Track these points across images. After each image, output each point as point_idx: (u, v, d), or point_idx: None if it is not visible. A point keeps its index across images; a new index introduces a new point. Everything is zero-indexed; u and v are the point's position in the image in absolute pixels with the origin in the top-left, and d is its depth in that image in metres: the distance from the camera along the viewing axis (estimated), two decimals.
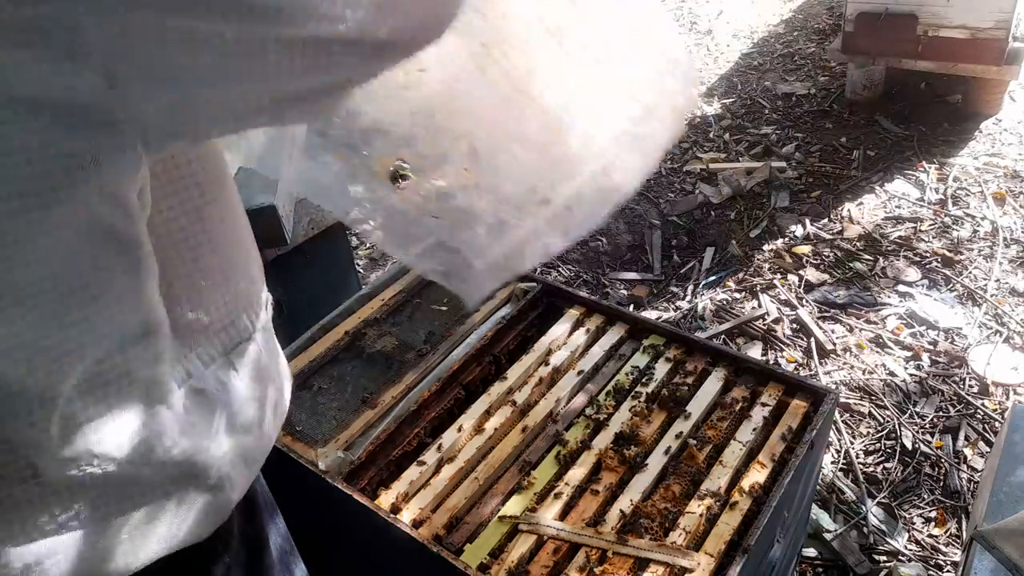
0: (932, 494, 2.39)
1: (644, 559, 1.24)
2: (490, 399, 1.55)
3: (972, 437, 2.55)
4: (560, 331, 1.70)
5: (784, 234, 3.54)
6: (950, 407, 2.65)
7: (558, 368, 1.61)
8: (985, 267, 3.23)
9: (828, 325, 3.02)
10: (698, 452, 1.41)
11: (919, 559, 2.22)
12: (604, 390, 1.57)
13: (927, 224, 3.51)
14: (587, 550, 1.27)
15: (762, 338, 2.99)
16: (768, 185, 3.85)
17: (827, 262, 3.35)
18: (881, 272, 3.26)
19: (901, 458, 2.49)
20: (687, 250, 3.56)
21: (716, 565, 1.23)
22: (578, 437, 1.47)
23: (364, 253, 3.74)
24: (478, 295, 0.88)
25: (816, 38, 5.39)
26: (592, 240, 3.64)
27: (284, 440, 1.50)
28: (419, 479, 1.42)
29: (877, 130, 4.20)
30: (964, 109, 4.25)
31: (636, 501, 1.34)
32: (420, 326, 1.78)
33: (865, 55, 4.17)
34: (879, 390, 2.72)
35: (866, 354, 2.88)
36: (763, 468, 1.38)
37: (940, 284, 3.17)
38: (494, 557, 1.28)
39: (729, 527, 1.28)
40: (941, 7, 3.83)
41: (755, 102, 4.66)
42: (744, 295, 3.22)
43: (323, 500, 1.44)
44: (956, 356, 2.82)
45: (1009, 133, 4.10)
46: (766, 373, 1.56)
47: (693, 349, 1.64)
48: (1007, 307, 3.02)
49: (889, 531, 2.29)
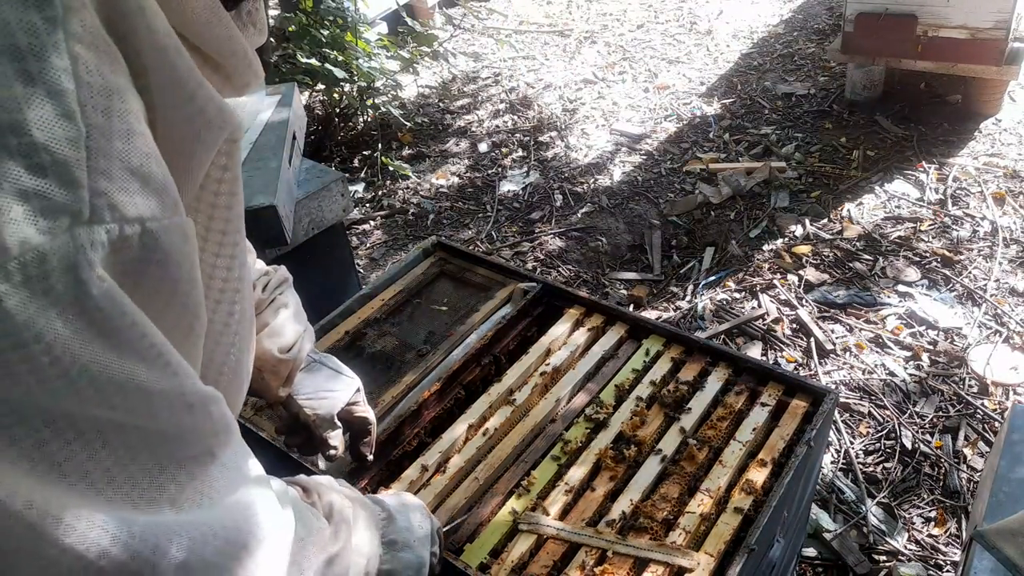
0: (932, 494, 2.39)
1: (644, 559, 1.24)
2: (490, 399, 1.55)
3: (972, 437, 2.55)
4: (560, 331, 1.70)
5: (784, 234, 3.54)
6: (950, 407, 2.65)
7: (558, 368, 1.61)
8: (985, 267, 3.23)
9: (828, 325, 3.02)
10: (698, 452, 1.41)
11: (919, 559, 2.22)
12: (604, 390, 1.57)
13: (927, 224, 3.51)
14: (587, 550, 1.27)
15: (762, 338, 2.99)
16: (768, 185, 3.85)
17: (827, 262, 3.35)
18: (881, 272, 3.26)
19: (901, 458, 2.49)
20: (687, 250, 3.56)
21: (716, 565, 1.23)
22: (578, 437, 1.47)
23: (364, 253, 3.74)
24: None
25: (816, 38, 5.40)
26: (592, 240, 3.64)
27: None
28: (419, 479, 1.42)
29: (877, 130, 4.20)
30: (964, 109, 4.25)
31: (636, 501, 1.34)
32: (420, 326, 1.78)
33: (865, 55, 4.17)
34: (879, 390, 2.72)
35: (866, 354, 2.88)
36: (763, 468, 1.38)
37: (940, 284, 3.17)
38: (494, 557, 1.28)
39: (729, 527, 1.28)
40: (941, 7, 3.83)
41: (755, 102, 4.66)
42: (744, 295, 3.22)
43: None
44: (956, 356, 2.82)
45: (1009, 133, 4.11)
46: (766, 373, 1.56)
47: (693, 349, 1.63)
48: (1007, 307, 3.02)
49: (889, 531, 2.29)
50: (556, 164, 4.28)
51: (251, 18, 0.73)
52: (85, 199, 0.47)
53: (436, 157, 4.49)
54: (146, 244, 0.50)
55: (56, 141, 0.46)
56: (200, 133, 0.59)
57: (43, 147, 0.45)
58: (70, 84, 0.47)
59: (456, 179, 4.27)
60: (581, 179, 4.13)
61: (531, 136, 4.56)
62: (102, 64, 0.49)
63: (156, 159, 0.52)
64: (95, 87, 0.48)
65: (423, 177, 4.30)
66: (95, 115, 0.48)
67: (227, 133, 0.62)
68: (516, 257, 3.60)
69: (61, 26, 0.47)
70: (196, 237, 0.59)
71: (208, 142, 0.61)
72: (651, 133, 4.48)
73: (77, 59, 0.47)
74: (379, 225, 3.95)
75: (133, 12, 0.52)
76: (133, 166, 0.49)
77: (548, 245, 3.63)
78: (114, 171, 0.48)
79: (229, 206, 0.67)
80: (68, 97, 0.46)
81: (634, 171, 4.15)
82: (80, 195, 0.46)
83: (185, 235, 0.55)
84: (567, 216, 3.85)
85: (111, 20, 0.51)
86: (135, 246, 0.50)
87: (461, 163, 4.41)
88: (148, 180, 0.51)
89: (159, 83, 0.54)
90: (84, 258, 0.46)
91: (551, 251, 3.59)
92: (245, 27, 0.71)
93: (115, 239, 0.48)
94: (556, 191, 4.04)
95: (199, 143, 0.60)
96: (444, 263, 1.95)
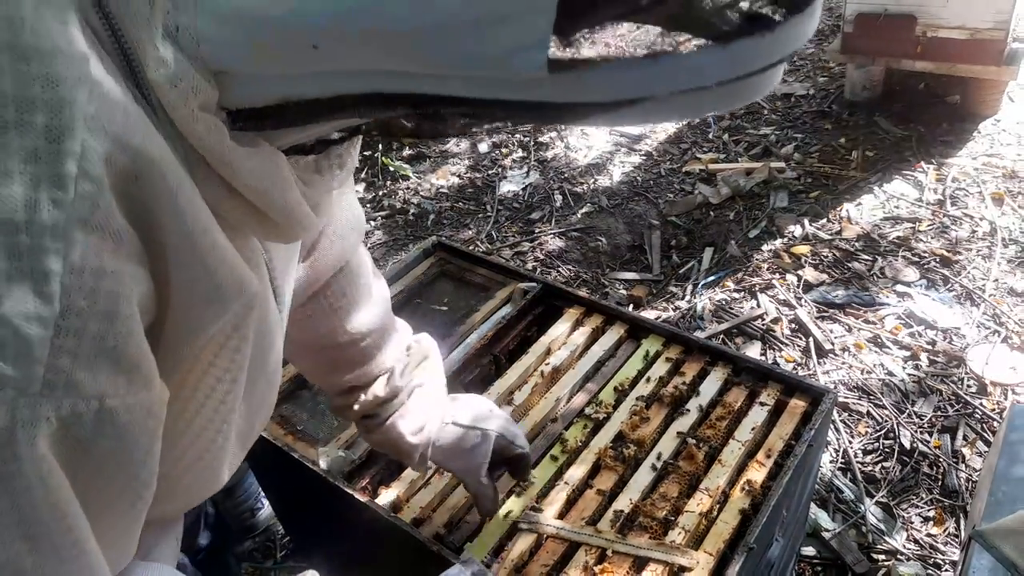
0: (930, 493, 2.40)
1: (643, 558, 1.25)
2: (490, 399, 1.55)
3: (970, 436, 2.55)
4: (560, 331, 1.70)
5: (783, 234, 3.54)
6: (948, 407, 2.66)
7: (558, 368, 1.62)
8: (983, 267, 3.24)
9: (827, 325, 3.02)
10: (697, 451, 1.42)
11: (917, 558, 2.22)
12: (603, 390, 1.57)
13: (925, 224, 3.52)
14: (586, 549, 1.27)
15: (761, 338, 2.99)
16: (767, 185, 3.86)
17: (826, 262, 3.35)
18: (879, 272, 3.27)
19: (899, 457, 2.50)
20: (686, 250, 3.56)
21: (715, 564, 1.23)
22: (578, 437, 1.47)
23: None
24: None
25: (815, 38, 5.40)
26: (592, 240, 3.65)
27: (286, 439, 1.50)
28: (419, 478, 1.42)
29: (876, 130, 4.20)
30: (963, 109, 4.25)
31: (635, 500, 1.35)
32: (420, 326, 1.78)
33: (864, 55, 4.17)
34: (877, 390, 2.73)
35: (864, 354, 2.88)
36: (762, 467, 1.39)
37: (938, 284, 3.18)
38: (494, 556, 1.28)
39: (728, 526, 1.29)
40: (940, 7, 3.83)
41: (754, 103, 4.66)
42: (743, 295, 3.23)
43: (324, 499, 1.44)
44: (954, 356, 2.83)
45: (1007, 133, 4.11)
46: (765, 373, 1.57)
47: (692, 349, 1.64)
48: (1005, 307, 3.03)
49: (888, 530, 2.29)
50: (556, 164, 4.28)
51: (341, 160, 0.69)
52: (38, 375, 0.46)
53: (436, 157, 4.49)
54: (101, 420, 0.50)
55: (23, 318, 0.46)
56: (212, 305, 0.59)
57: (7, 321, 0.45)
58: (57, 265, 0.47)
59: (456, 179, 4.27)
60: (581, 179, 4.13)
61: (531, 136, 4.56)
62: (103, 247, 0.49)
63: (135, 339, 0.52)
64: (86, 269, 0.48)
65: (423, 177, 4.31)
66: (77, 297, 0.47)
67: (241, 303, 0.61)
68: (516, 257, 3.60)
69: (66, 208, 0.47)
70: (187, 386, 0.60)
71: (220, 312, 0.60)
72: (650, 133, 4.48)
73: (73, 242, 0.47)
74: (379, 225, 3.96)
75: (160, 195, 0.51)
76: (106, 347, 0.49)
77: (548, 245, 3.64)
78: (82, 350, 0.48)
79: (237, 348, 0.66)
80: (51, 277, 0.46)
81: (634, 171, 4.15)
82: (33, 371, 0.46)
83: (149, 411, 0.55)
84: (567, 216, 3.85)
85: (132, 202, 0.50)
86: (88, 422, 0.49)
87: (461, 163, 4.41)
88: (119, 360, 0.50)
89: (178, 261, 0.54)
90: (24, 433, 0.46)
91: (551, 251, 3.59)
92: (330, 169, 0.68)
93: (66, 415, 0.48)
94: (556, 191, 4.04)
95: (209, 312, 0.59)
96: (444, 263, 1.96)
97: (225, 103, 0.54)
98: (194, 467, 0.69)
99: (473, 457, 1.22)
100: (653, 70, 0.46)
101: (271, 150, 0.59)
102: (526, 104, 0.48)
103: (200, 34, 0.49)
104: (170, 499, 0.70)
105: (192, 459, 0.68)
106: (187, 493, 0.74)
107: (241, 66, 0.51)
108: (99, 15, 0.50)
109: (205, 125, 0.52)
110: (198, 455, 0.69)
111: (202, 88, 0.51)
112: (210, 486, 0.75)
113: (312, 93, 0.53)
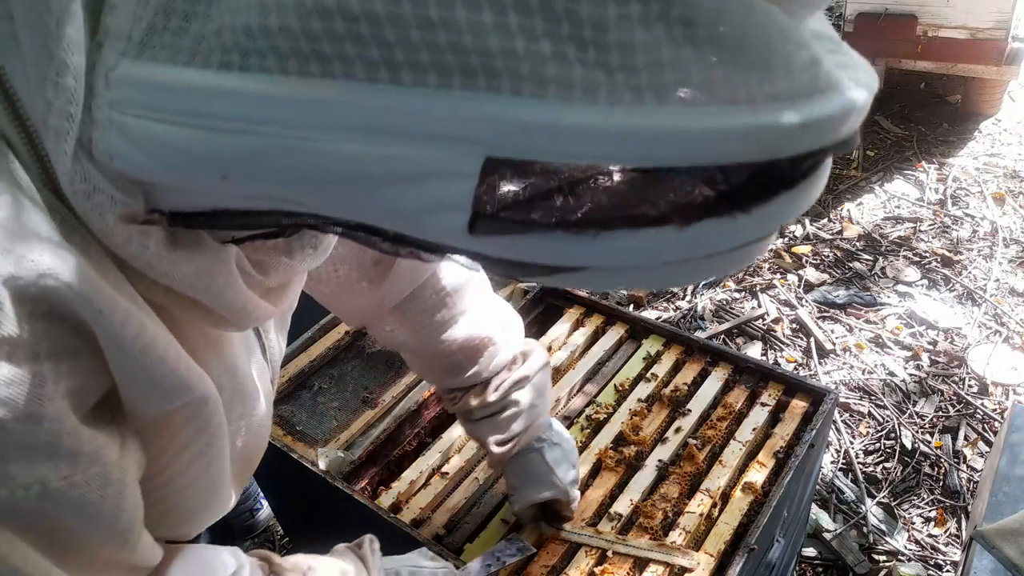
0: (932, 494, 2.39)
1: (644, 559, 1.24)
2: None
3: (972, 437, 2.55)
4: (560, 331, 1.70)
5: (783, 234, 3.54)
6: (949, 407, 2.65)
7: (558, 368, 1.61)
8: (984, 267, 3.24)
9: (827, 325, 3.02)
10: (698, 452, 1.41)
11: (919, 559, 2.22)
12: (604, 390, 1.57)
13: (926, 224, 3.52)
14: (587, 550, 1.27)
15: (762, 338, 2.99)
16: None
17: (827, 262, 3.35)
18: (880, 272, 3.27)
19: (901, 458, 2.49)
20: None
21: (716, 564, 1.23)
22: (578, 437, 1.47)
23: None
24: None
25: None
26: None
27: (285, 440, 1.50)
28: (419, 479, 1.42)
29: (877, 130, 4.20)
30: (964, 109, 4.25)
31: (636, 501, 1.34)
32: None
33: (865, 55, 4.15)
34: (879, 390, 2.72)
35: (866, 354, 2.88)
36: (763, 468, 1.38)
37: (939, 284, 3.17)
38: None
39: (729, 527, 1.29)
40: (941, 7, 3.83)
41: None
42: (744, 295, 3.23)
43: (323, 500, 1.44)
44: (955, 356, 2.83)
45: (1008, 133, 4.11)
46: (766, 373, 1.56)
47: (693, 349, 1.64)
48: (1006, 307, 3.02)
49: (889, 531, 2.29)
50: None
51: (314, 241, 0.65)
52: None
53: None
54: (47, 498, 0.50)
55: None
56: (160, 399, 0.58)
57: None
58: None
59: None
60: None
61: None
62: (12, 355, 0.47)
63: (69, 430, 0.51)
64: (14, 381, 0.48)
65: None
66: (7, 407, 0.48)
67: (182, 401, 0.59)
68: None
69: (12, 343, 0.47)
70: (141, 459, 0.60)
71: (168, 404, 0.59)
72: None
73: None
74: None
75: (72, 300, 0.49)
76: (36, 444, 0.49)
77: None
78: (9, 453, 0.48)
79: (204, 426, 0.64)
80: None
81: None
82: None
83: (106, 480, 0.54)
84: None
85: (45, 304, 0.48)
86: (32, 502, 0.50)
87: None
88: (55, 453, 0.50)
89: (111, 358, 0.52)
90: None
91: None
92: (302, 250, 0.65)
93: (4, 499, 0.48)
94: None
95: (158, 404, 0.58)
96: None
97: (156, 206, 0.52)
98: (192, 492, 0.69)
99: (535, 491, 1.25)
100: (592, 245, 0.39)
101: (216, 247, 0.56)
102: (461, 250, 0.44)
103: (114, 150, 0.46)
104: (177, 526, 0.71)
105: (189, 488, 0.68)
106: (192, 517, 0.74)
107: (160, 180, 0.49)
108: (17, 126, 0.48)
109: (124, 236, 0.50)
110: (192, 484, 0.69)
111: (120, 200, 0.49)
112: (216, 506, 0.76)
113: (242, 205, 0.50)
